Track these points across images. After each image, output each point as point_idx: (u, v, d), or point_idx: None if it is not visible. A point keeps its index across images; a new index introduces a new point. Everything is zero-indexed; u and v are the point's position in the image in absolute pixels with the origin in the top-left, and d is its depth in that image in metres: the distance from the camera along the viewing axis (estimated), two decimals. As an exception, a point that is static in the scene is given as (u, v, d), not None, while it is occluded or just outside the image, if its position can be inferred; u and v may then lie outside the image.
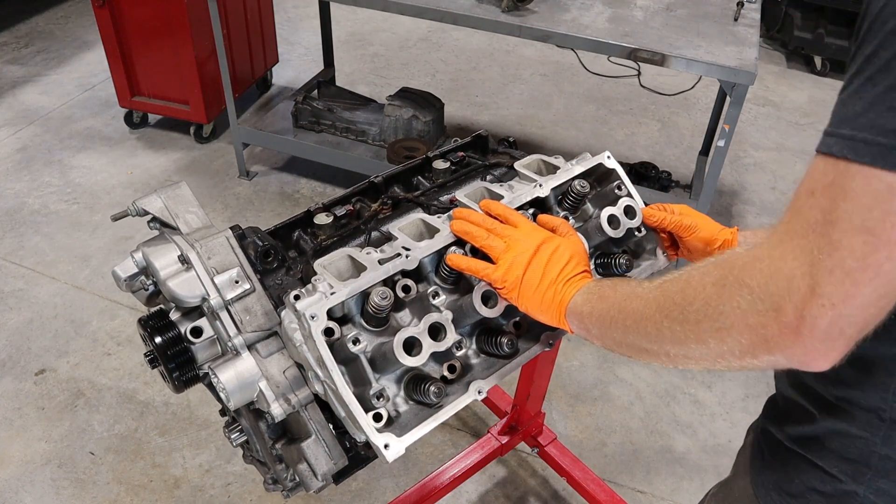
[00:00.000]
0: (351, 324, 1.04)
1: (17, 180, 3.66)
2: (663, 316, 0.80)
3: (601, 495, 2.10)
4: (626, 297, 0.88)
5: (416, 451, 2.47)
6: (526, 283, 1.00)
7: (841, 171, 0.65)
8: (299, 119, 3.62)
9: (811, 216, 0.66)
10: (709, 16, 2.83)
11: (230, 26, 3.75)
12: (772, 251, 0.69)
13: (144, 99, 3.91)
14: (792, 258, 0.66)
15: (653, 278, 0.88)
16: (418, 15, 2.81)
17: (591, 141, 4.16)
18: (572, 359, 2.82)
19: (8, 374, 2.67)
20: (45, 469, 2.37)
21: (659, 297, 0.82)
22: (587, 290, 0.97)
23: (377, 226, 1.27)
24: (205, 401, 2.58)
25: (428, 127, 3.43)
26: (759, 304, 0.68)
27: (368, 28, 5.30)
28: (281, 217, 2.45)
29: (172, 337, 1.09)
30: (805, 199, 0.68)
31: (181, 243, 1.09)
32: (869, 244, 0.62)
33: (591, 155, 1.29)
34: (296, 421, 1.10)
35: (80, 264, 3.17)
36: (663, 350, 0.82)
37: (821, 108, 4.66)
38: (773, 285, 0.67)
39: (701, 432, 2.57)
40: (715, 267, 0.75)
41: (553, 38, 2.66)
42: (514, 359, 1.08)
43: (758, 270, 0.69)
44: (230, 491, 2.32)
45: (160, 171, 3.77)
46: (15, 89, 4.41)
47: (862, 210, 0.63)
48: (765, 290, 0.68)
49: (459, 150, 1.47)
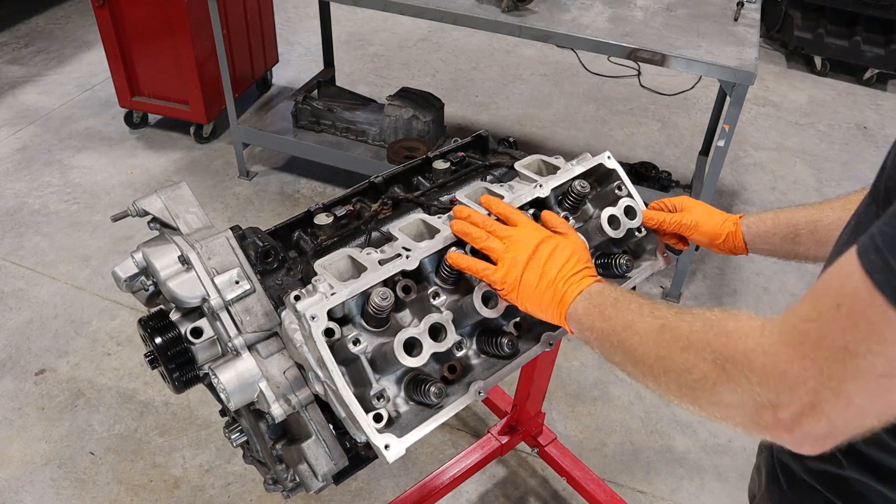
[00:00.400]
0: (351, 324, 1.04)
1: (17, 180, 3.66)
2: (662, 370, 0.80)
3: (601, 495, 2.10)
4: (626, 328, 0.86)
5: (416, 451, 2.47)
6: (525, 284, 0.99)
7: (878, 308, 0.59)
8: (299, 119, 3.62)
9: (831, 333, 0.62)
10: (709, 16, 2.83)
11: (230, 26, 3.74)
12: (780, 347, 0.66)
13: (144, 99, 3.91)
14: (800, 367, 0.64)
15: (655, 308, 0.85)
16: (418, 15, 2.81)
17: (591, 141, 4.16)
18: (572, 359, 2.82)
19: (8, 374, 2.67)
20: (45, 469, 2.37)
21: (658, 346, 0.81)
22: (589, 297, 0.95)
23: (377, 226, 1.27)
24: (205, 401, 2.58)
25: (428, 127, 3.43)
26: (757, 395, 0.67)
27: (368, 28, 5.30)
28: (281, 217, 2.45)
29: (173, 337, 1.09)
30: (829, 307, 0.63)
31: (181, 244, 1.09)
32: (884, 387, 0.60)
33: (592, 155, 1.29)
34: (296, 421, 1.10)
35: (80, 264, 3.17)
36: (660, 391, 0.82)
37: (821, 108, 4.66)
38: (774, 384, 0.66)
39: (701, 432, 2.58)
40: (717, 337, 0.73)
41: (553, 38, 2.66)
42: (515, 359, 1.08)
43: (761, 364, 0.67)
44: (230, 491, 2.32)
45: (160, 171, 3.77)
46: (15, 89, 4.41)
47: (889, 360, 0.59)
48: (765, 384, 0.67)
49: (459, 150, 1.47)
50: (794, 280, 3.28)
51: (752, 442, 2.68)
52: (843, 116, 4.58)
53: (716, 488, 2.40)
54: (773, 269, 3.34)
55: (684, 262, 3.00)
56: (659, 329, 0.82)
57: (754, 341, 0.69)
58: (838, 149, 4.25)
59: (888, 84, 4.97)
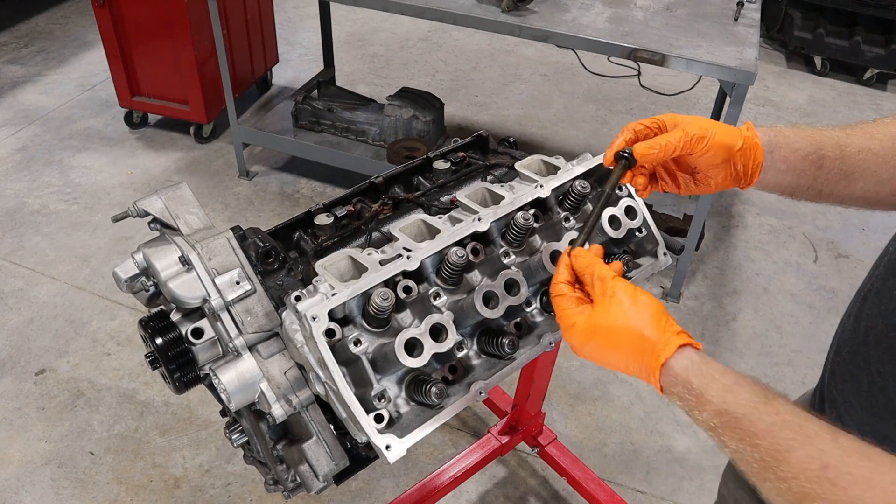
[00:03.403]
0: (352, 325, 1.04)
1: (17, 180, 3.66)
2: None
3: (601, 495, 2.10)
4: (775, 450, 0.73)
5: (417, 451, 2.47)
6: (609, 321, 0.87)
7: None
8: (299, 119, 3.62)
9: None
10: (709, 16, 2.83)
11: (230, 26, 3.74)
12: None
13: (144, 99, 3.91)
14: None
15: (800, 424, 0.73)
16: (418, 15, 2.81)
17: (591, 141, 4.16)
18: (572, 359, 2.82)
19: (8, 374, 2.67)
20: (45, 469, 2.37)
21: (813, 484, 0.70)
22: (717, 370, 0.81)
23: (378, 226, 1.27)
24: (205, 401, 2.58)
25: (428, 127, 3.43)
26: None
27: (368, 28, 5.30)
28: (281, 217, 2.46)
29: (173, 338, 1.09)
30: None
31: (182, 244, 1.09)
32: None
33: (592, 155, 1.29)
34: (297, 422, 1.10)
35: (80, 264, 3.17)
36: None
37: (821, 108, 4.66)
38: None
39: (701, 432, 2.56)
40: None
41: (553, 38, 2.66)
42: (515, 359, 1.08)
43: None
44: (230, 491, 2.32)
45: (160, 171, 3.77)
46: (15, 89, 4.40)
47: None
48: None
49: (460, 150, 1.47)
50: (794, 280, 3.28)
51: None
52: (843, 116, 4.58)
53: (715, 488, 2.40)
54: (773, 269, 3.34)
55: (684, 262, 3.00)
56: (820, 468, 0.70)
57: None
58: (838, 149, 4.24)
59: (888, 84, 4.97)
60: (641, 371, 0.85)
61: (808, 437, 0.71)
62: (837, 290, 3.24)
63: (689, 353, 0.82)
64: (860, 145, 0.97)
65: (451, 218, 1.17)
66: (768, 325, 3.04)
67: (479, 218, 1.13)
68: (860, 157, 0.97)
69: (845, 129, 1.00)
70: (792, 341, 2.97)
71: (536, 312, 1.15)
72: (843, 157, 0.98)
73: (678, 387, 0.81)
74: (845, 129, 1.00)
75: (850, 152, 0.98)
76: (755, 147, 0.99)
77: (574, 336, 0.89)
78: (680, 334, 0.83)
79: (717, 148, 0.97)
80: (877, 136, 0.97)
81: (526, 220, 1.13)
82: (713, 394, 0.78)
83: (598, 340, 0.87)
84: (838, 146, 0.98)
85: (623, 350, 0.85)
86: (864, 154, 0.97)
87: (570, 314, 0.89)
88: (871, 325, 0.87)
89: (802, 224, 3.63)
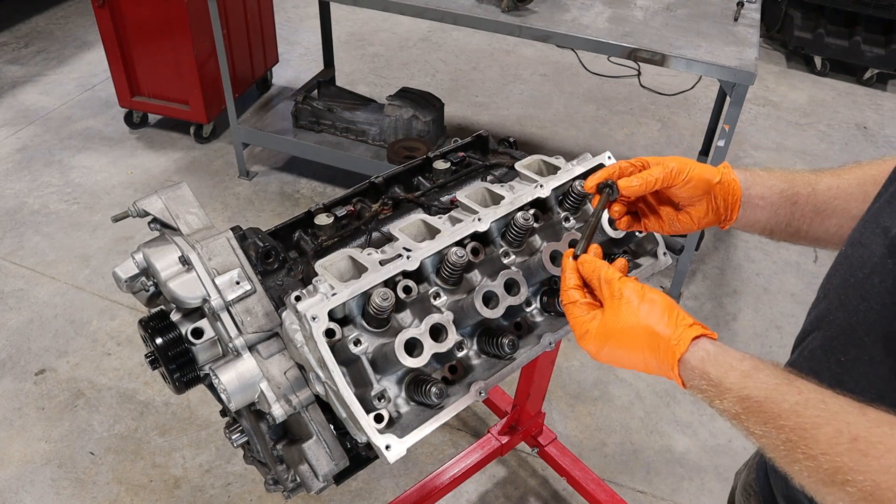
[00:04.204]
0: (352, 325, 1.04)
1: (17, 180, 3.66)
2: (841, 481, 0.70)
3: (601, 495, 2.10)
4: (814, 421, 0.72)
5: (416, 451, 2.47)
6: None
7: None
8: (299, 119, 3.62)
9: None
10: (709, 16, 2.83)
11: (230, 26, 3.75)
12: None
13: (144, 99, 3.91)
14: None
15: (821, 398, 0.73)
16: (418, 15, 2.81)
17: (591, 141, 4.16)
18: (572, 359, 2.82)
19: (8, 374, 2.67)
20: (45, 469, 2.37)
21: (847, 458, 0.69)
22: (735, 357, 0.81)
23: (378, 226, 1.27)
24: (205, 401, 2.58)
25: (428, 127, 3.43)
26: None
27: (368, 28, 5.30)
28: (281, 217, 2.46)
29: (173, 338, 1.09)
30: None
31: (182, 244, 1.09)
32: None
33: (592, 155, 1.29)
34: (297, 422, 1.10)
35: (80, 264, 3.17)
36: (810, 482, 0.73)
37: (821, 108, 4.66)
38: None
39: (701, 432, 2.58)
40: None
41: (553, 38, 2.66)
42: (515, 359, 1.08)
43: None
44: (230, 491, 2.32)
45: (160, 171, 3.77)
46: (15, 89, 4.41)
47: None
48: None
49: (460, 150, 1.47)
50: (794, 280, 3.28)
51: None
52: (843, 116, 4.58)
53: (716, 488, 2.40)
54: (773, 269, 3.34)
55: (684, 262, 3.00)
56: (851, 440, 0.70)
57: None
58: (838, 149, 4.25)
59: (888, 84, 4.97)
60: (661, 368, 0.85)
61: (834, 413, 0.71)
62: (837, 290, 3.24)
63: (703, 345, 0.82)
64: (829, 183, 1.02)
65: (451, 218, 1.17)
66: (768, 325, 3.04)
67: (479, 218, 1.13)
68: (830, 193, 1.01)
69: (815, 171, 1.05)
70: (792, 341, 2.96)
71: (536, 312, 1.15)
72: (814, 194, 1.02)
73: (697, 379, 0.81)
74: (814, 171, 1.05)
75: (820, 189, 1.02)
76: (733, 182, 1.03)
77: (589, 342, 0.89)
78: (693, 326, 0.84)
79: (697, 180, 1.00)
80: (844, 176, 1.02)
81: (526, 220, 1.13)
82: (732, 381, 0.78)
83: (614, 343, 0.87)
84: (809, 184, 1.03)
85: (639, 350, 0.86)
86: (833, 191, 1.01)
87: (583, 321, 0.90)
88: (835, 318, 0.88)
89: (802, 224, 3.63)
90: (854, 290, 0.84)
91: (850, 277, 0.86)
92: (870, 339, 0.81)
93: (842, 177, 1.03)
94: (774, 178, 1.05)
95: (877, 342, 0.80)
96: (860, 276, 0.83)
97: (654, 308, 0.85)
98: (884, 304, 0.79)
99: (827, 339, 0.89)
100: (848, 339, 0.85)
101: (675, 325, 0.84)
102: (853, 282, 0.85)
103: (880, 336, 0.80)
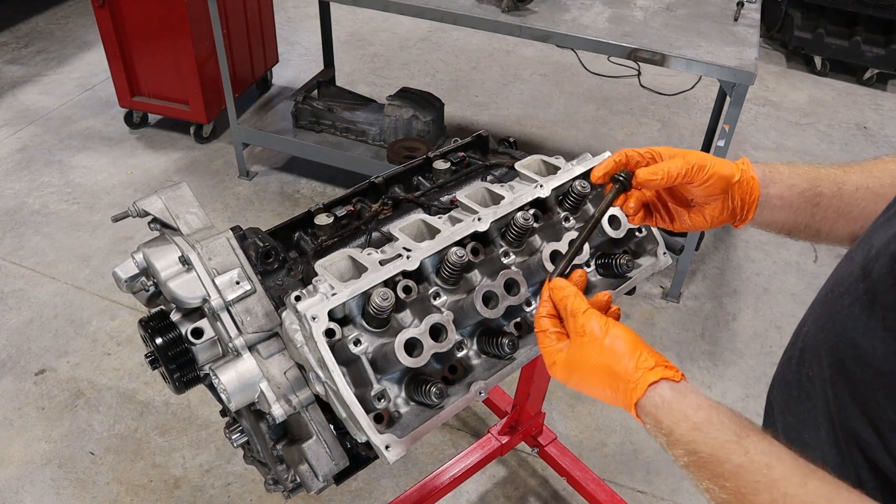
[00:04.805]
0: (352, 325, 1.04)
1: (17, 180, 3.66)
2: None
3: (601, 495, 2.10)
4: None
5: (416, 451, 2.47)
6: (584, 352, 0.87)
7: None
8: (299, 119, 3.62)
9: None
10: (709, 16, 2.83)
11: (230, 26, 3.75)
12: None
13: (144, 99, 3.91)
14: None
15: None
16: (418, 15, 2.81)
17: (591, 141, 4.16)
18: (572, 359, 2.82)
19: (8, 374, 2.67)
20: (45, 469, 2.37)
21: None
22: (690, 405, 0.79)
23: (378, 226, 1.28)
24: (205, 401, 2.57)
25: (428, 127, 3.43)
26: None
27: (368, 28, 5.30)
28: (281, 217, 2.46)
29: (173, 338, 1.09)
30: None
31: (182, 244, 1.09)
32: None
33: (592, 155, 1.29)
34: (297, 422, 1.10)
35: (80, 264, 3.17)
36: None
37: (821, 108, 4.66)
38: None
39: (701, 432, 2.57)
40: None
41: (553, 38, 2.66)
42: (515, 359, 1.08)
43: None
44: (230, 491, 2.32)
45: (160, 171, 3.77)
46: (15, 89, 4.41)
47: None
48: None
49: (460, 150, 1.47)
50: (795, 280, 3.28)
51: (753, 442, 2.61)
52: (843, 116, 4.58)
53: (716, 488, 2.40)
54: (773, 269, 3.34)
55: (684, 262, 3.00)
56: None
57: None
58: (838, 149, 4.25)
59: (888, 84, 4.97)
60: (624, 406, 0.84)
61: (774, 481, 0.69)
62: (837, 290, 3.24)
63: (661, 391, 0.80)
64: (858, 183, 0.95)
65: (451, 218, 1.17)
66: (768, 325, 3.04)
67: (479, 218, 1.13)
68: (858, 195, 0.94)
69: (843, 167, 0.98)
70: (792, 341, 2.97)
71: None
72: (840, 195, 0.95)
73: (651, 424, 0.80)
74: (843, 167, 0.97)
75: (847, 190, 0.95)
76: (752, 181, 0.97)
77: (556, 373, 0.88)
78: (654, 370, 0.81)
79: (717, 178, 0.95)
80: (875, 174, 0.95)
81: (526, 220, 1.13)
82: (682, 432, 0.77)
83: (578, 377, 0.86)
84: (835, 184, 0.96)
85: (601, 386, 0.85)
86: (861, 192, 0.94)
87: (551, 351, 0.88)
88: (809, 330, 0.85)
89: (802, 224, 3.63)
90: (827, 306, 0.82)
91: (829, 292, 0.83)
92: (826, 361, 0.79)
93: (873, 175, 0.95)
94: (797, 175, 0.98)
95: (832, 364, 0.78)
96: (837, 293, 0.80)
97: (615, 347, 0.83)
98: (845, 329, 0.76)
99: (801, 349, 0.86)
100: (813, 354, 0.82)
101: (636, 366, 0.81)
102: (830, 297, 0.82)
103: (835, 359, 0.77)
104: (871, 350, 0.70)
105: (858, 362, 0.73)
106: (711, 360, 2.86)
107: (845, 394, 0.75)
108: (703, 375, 2.79)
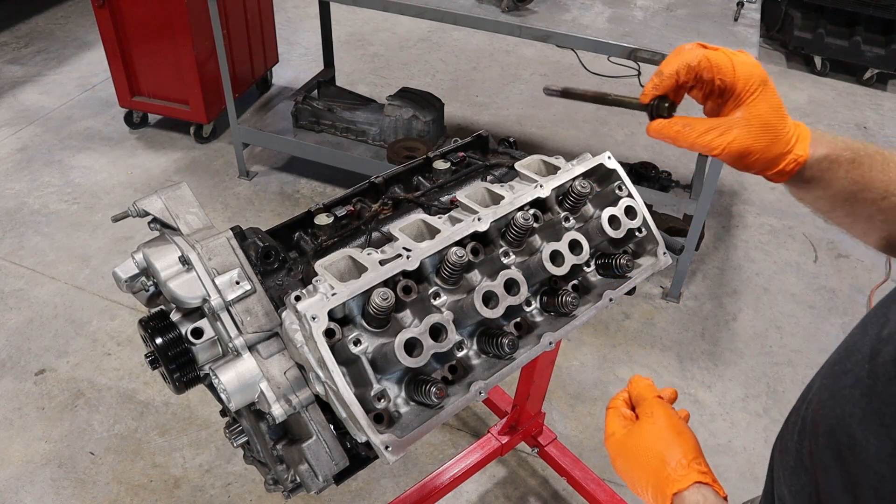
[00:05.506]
0: (352, 325, 1.04)
1: (17, 180, 3.66)
2: None
3: (601, 495, 2.10)
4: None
5: (416, 451, 2.47)
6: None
7: None
8: (299, 119, 3.62)
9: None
10: (709, 16, 2.83)
11: (230, 26, 3.75)
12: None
13: (144, 99, 3.91)
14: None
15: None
16: (418, 15, 2.81)
17: (591, 141, 4.16)
18: (572, 359, 2.82)
19: (8, 374, 2.67)
20: (45, 469, 2.37)
21: None
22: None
23: (378, 226, 1.27)
24: (205, 401, 2.58)
25: (428, 127, 3.43)
26: None
27: (368, 28, 5.30)
28: (281, 217, 2.46)
29: (173, 338, 1.09)
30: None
31: (182, 244, 1.09)
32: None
33: (592, 155, 1.29)
34: (297, 422, 1.10)
35: (80, 264, 3.17)
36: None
37: (821, 108, 4.66)
38: None
39: (701, 432, 2.57)
40: None
41: (553, 38, 2.66)
42: (515, 359, 1.08)
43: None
44: (230, 491, 2.32)
45: (160, 171, 3.77)
46: (15, 89, 4.41)
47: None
48: None
49: (460, 150, 1.47)
50: (795, 280, 3.28)
51: (752, 442, 2.67)
52: (843, 116, 4.58)
53: (716, 488, 2.40)
54: (773, 269, 3.34)
55: (684, 262, 3.00)
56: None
57: None
58: (838, 149, 4.24)
59: (888, 84, 4.97)
60: (656, 497, 0.86)
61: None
62: (837, 290, 3.24)
63: (704, 491, 0.83)
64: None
65: (451, 218, 1.17)
66: (768, 325, 3.04)
67: (479, 218, 1.13)
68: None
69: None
70: (792, 341, 2.97)
71: (536, 312, 1.15)
72: (887, 197, 0.90)
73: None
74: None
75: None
76: (803, 131, 0.99)
77: (610, 445, 0.97)
78: (704, 473, 0.85)
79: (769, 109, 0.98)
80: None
81: (526, 220, 1.13)
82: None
83: (628, 455, 0.93)
84: (885, 183, 0.90)
85: (645, 470, 0.88)
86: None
87: (612, 424, 0.99)
88: (813, 399, 0.80)
89: (802, 224, 3.63)
90: (832, 379, 0.75)
91: (836, 363, 0.76)
92: (822, 442, 0.73)
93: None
94: (850, 147, 0.96)
95: (828, 448, 0.71)
96: (843, 367, 0.73)
97: (676, 439, 0.89)
98: (843, 413, 0.69)
99: (803, 419, 0.80)
100: (812, 432, 0.76)
101: (688, 464, 0.86)
102: (836, 370, 0.75)
103: (831, 443, 0.70)
104: (864, 443, 0.65)
105: (853, 452, 0.68)
106: (711, 360, 2.86)
107: (837, 482, 0.70)
108: (703, 375, 2.79)
